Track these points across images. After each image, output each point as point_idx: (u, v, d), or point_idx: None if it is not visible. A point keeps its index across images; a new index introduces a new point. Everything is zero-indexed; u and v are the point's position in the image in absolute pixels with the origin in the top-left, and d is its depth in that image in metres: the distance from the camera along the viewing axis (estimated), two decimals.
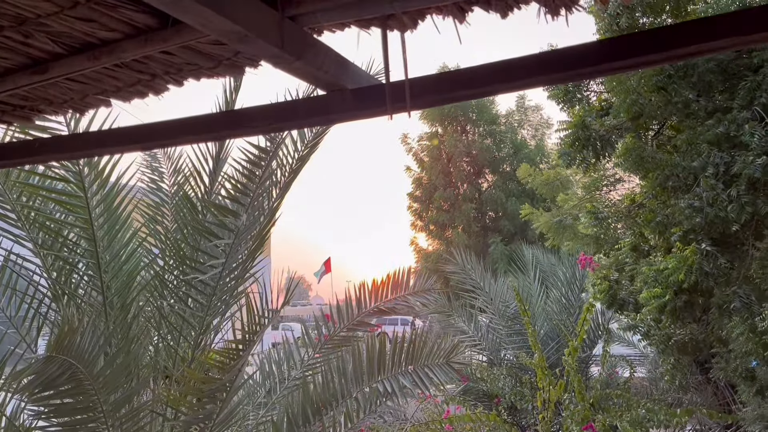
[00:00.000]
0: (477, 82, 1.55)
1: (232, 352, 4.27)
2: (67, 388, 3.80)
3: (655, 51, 1.45)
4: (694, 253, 6.24)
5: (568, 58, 1.51)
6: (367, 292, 6.11)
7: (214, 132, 1.93)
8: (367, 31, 1.71)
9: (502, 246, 19.35)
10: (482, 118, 22.40)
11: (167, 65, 1.78)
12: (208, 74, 1.83)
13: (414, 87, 1.58)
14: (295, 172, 5.36)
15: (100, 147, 2.26)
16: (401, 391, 4.96)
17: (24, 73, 1.70)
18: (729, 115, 6.33)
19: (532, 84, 1.54)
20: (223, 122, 1.94)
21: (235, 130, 1.88)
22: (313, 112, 1.75)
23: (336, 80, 1.65)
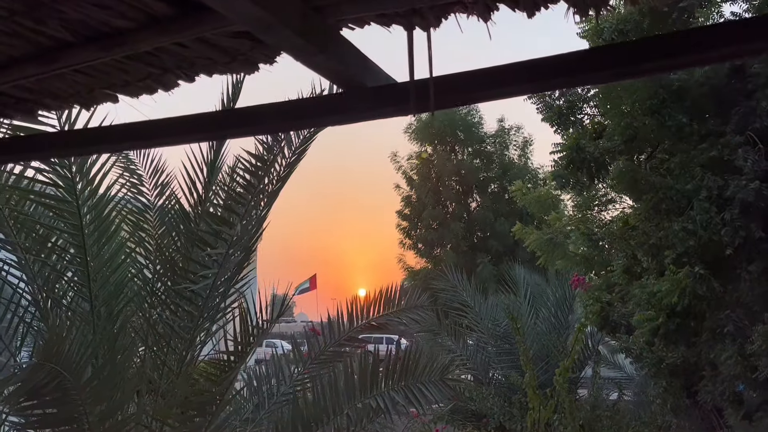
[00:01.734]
0: (502, 82, 1.52)
1: (224, 363, 4.18)
2: (53, 398, 3.69)
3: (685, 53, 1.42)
4: (688, 276, 6.23)
5: (592, 61, 1.48)
6: (358, 307, 6.05)
7: (222, 130, 1.88)
8: (388, 29, 1.67)
9: (491, 266, 19.30)
10: (470, 137, 22.46)
11: (180, 59, 1.73)
12: (222, 69, 1.79)
13: (438, 86, 1.54)
14: (283, 179, 5.29)
15: (98, 144, 2.18)
16: (394, 407, 4.87)
17: (31, 63, 1.64)
18: (722, 140, 6.39)
19: (559, 85, 1.51)
20: (233, 120, 1.89)
21: (246, 128, 1.82)
22: (330, 110, 1.70)
23: (356, 77, 1.61)
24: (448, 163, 21.92)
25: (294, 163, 5.15)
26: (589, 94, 7.77)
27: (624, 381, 11.41)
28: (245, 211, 4.89)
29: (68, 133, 2.79)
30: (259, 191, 4.96)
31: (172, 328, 4.91)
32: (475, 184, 22.34)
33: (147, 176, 5.61)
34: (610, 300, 8.26)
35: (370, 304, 6.11)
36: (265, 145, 4.59)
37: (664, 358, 7.33)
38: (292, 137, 5.01)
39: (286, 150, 5.04)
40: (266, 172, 4.76)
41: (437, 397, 5.10)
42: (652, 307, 6.61)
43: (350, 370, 5.23)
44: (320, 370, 5.45)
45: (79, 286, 4.99)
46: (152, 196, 5.53)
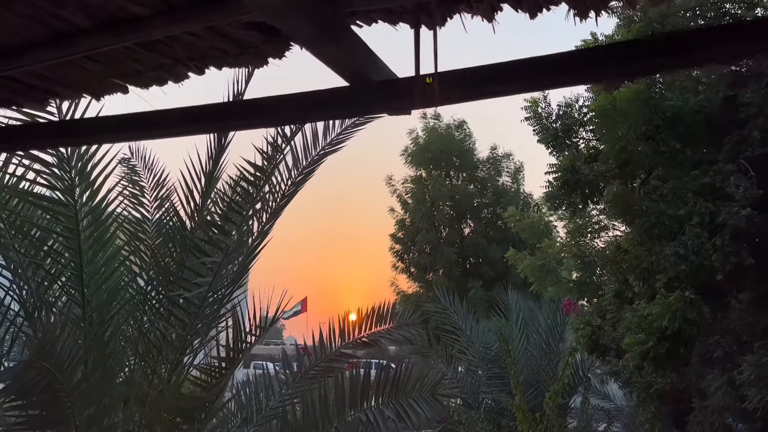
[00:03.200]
0: (506, 79, 1.57)
1: (215, 369, 4.16)
2: (42, 399, 3.66)
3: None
4: (679, 300, 6.28)
5: (594, 59, 1.53)
6: (349, 323, 6.04)
7: (231, 120, 1.91)
8: (394, 27, 1.72)
9: (482, 291, 19.29)
10: (465, 163, 22.61)
11: (192, 49, 1.78)
12: (232, 62, 1.83)
13: (442, 81, 1.59)
14: (288, 197, 5.32)
15: (106, 133, 2.21)
16: (384, 422, 4.85)
17: (47, 47, 1.68)
18: (715, 167, 6.49)
19: (562, 82, 1.56)
20: (242, 110, 1.93)
21: (254, 119, 1.86)
22: (336, 103, 1.75)
23: (363, 70, 1.66)
24: (442, 188, 22.02)
25: (300, 182, 5.17)
26: (585, 118, 7.89)
27: (613, 411, 11.36)
28: (242, 220, 4.91)
29: (75, 122, 2.81)
30: (258, 200, 4.98)
31: (164, 336, 4.90)
32: (469, 209, 22.43)
33: (149, 188, 5.64)
34: (600, 324, 8.29)
35: (362, 320, 6.11)
36: (265, 155, 4.63)
37: (653, 383, 7.33)
38: (300, 157, 5.04)
39: (294, 169, 5.05)
40: (265, 182, 4.79)
41: (429, 412, 5.07)
42: (643, 331, 6.64)
43: (341, 384, 5.22)
44: (311, 384, 5.42)
45: (72, 290, 4.97)
46: (152, 209, 5.54)
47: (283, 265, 33.19)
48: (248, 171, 4.68)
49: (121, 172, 5.60)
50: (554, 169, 7.50)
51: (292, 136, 4.66)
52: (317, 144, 5.01)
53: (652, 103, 6.68)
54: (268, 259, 5.44)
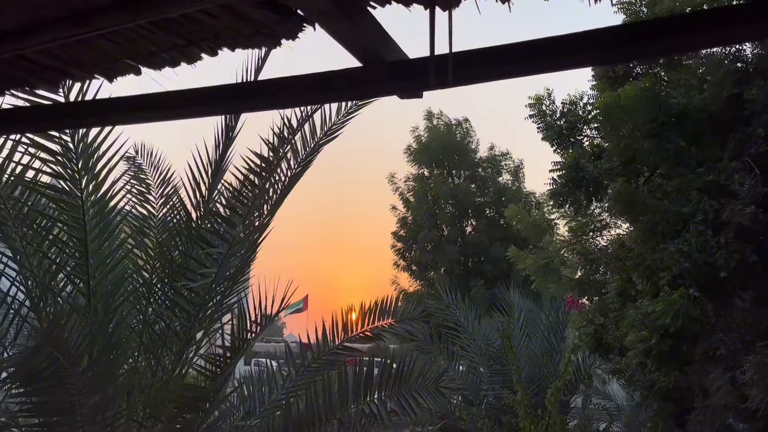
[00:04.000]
0: (523, 59, 1.57)
1: (220, 359, 4.17)
2: (49, 385, 3.67)
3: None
4: (682, 298, 6.28)
5: (618, 37, 1.53)
6: (353, 316, 6.05)
7: (245, 101, 1.92)
8: (408, 9, 1.73)
9: (484, 289, 19.31)
10: (466, 162, 22.63)
11: (205, 29, 1.79)
12: (245, 43, 1.84)
13: (457, 62, 1.60)
14: (287, 188, 5.32)
15: (110, 114, 2.20)
16: (387, 414, 4.86)
17: (62, 24, 1.69)
18: (720, 164, 6.49)
19: (578, 63, 1.57)
20: (256, 91, 1.93)
21: (268, 99, 1.86)
22: (350, 84, 1.76)
23: (376, 50, 1.66)
24: (444, 186, 22.04)
25: (299, 174, 5.18)
26: (589, 116, 7.89)
27: (614, 411, 11.35)
28: (248, 211, 4.92)
29: (83, 103, 2.80)
30: (263, 192, 4.99)
31: (169, 327, 4.91)
32: (471, 207, 22.45)
33: (155, 186, 5.65)
34: (603, 322, 8.30)
35: (365, 314, 6.11)
36: (271, 146, 4.64)
37: (655, 381, 7.33)
38: (299, 149, 5.06)
39: (292, 161, 5.07)
40: (271, 173, 4.80)
41: (432, 404, 5.08)
42: (646, 328, 6.65)
43: (344, 378, 5.22)
44: (314, 377, 5.43)
45: (77, 280, 4.98)
46: (158, 206, 5.55)
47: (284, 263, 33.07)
48: (255, 163, 4.69)
49: (126, 167, 5.62)
50: (558, 166, 7.51)
51: (299, 127, 4.67)
52: (315, 135, 5.02)
53: (657, 101, 6.68)
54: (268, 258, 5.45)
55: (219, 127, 5.23)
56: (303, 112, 4.67)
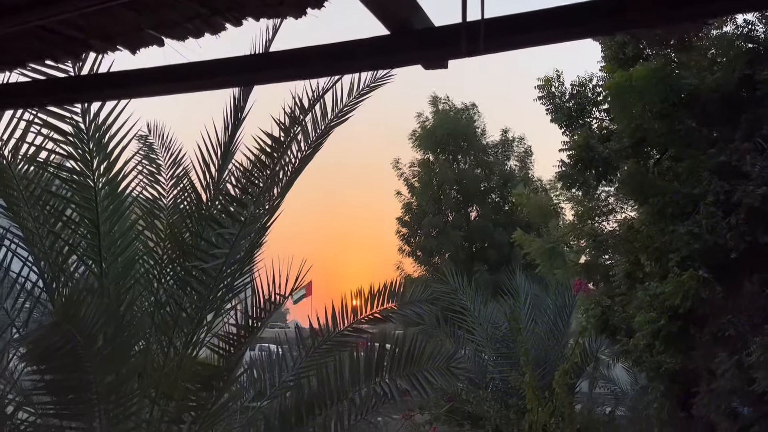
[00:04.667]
0: (556, 25, 1.55)
1: (234, 337, 4.19)
2: (66, 363, 3.69)
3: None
4: (692, 279, 6.27)
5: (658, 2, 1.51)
6: (362, 298, 6.06)
7: (266, 71, 1.90)
8: None
9: (487, 275, 19.32)
10: (472, 147, 22.54)
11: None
12: (271, 12, 1.82)
13: (488, 28, 1.58)
14: (297, 171, 5.30)
15: (128, 86, 2.18)
16: (400, 394, 4.88)
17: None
18: (731, 145, 6.46)
19: (613, 27, 1.55)
20: (276, 62, 1.92)
21: (284, 71, 1.85)
22: (376, 51, 1.74)
23: (405, 17, 1.65)
24: (449, 171, 21.98)
25: (309, 156, 5.15)
26: (598, 97, 7.85)
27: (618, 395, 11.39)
28: (259, 192, 4.91)
29: (97, 76, 2.78)
30: (273, 173, 4.97)
31: (180, 307, 4.92)
32: (476, 193, 22.40)
33: (165, 167, 5.63)
34: (610, 304, 8.31)
35: (374, 295, 6.11)
36: (282, 126, 4.62)
37: (662, 362, 7.35)
38: (309, 130, 5.02)
39: (303, 143, 5.04)
40: (282, 154, 4.78)
41: (444, 384, 5.10)
42: (654, 309, 6.65)
43: (355, 359, 5.24)
44: (326, 357, 5.45)
45: (90, 262, 4.98)
46: (168, 187, 5.53)
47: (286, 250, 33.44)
48: (266, 143, 4.68)
49: (137, 148, 5.60)
50: (568, 146, 7.48)
51: (311, 107, 4.65)
52: (326, 116, 5.00)
53: (668, 82, 6.64)
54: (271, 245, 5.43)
55: (228, 108, 5.21)
56: (315, 92, 4.65)
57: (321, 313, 5.73)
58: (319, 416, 5.06)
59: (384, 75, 4.87)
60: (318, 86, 4.59)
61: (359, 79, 4.91)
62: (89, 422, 4.34)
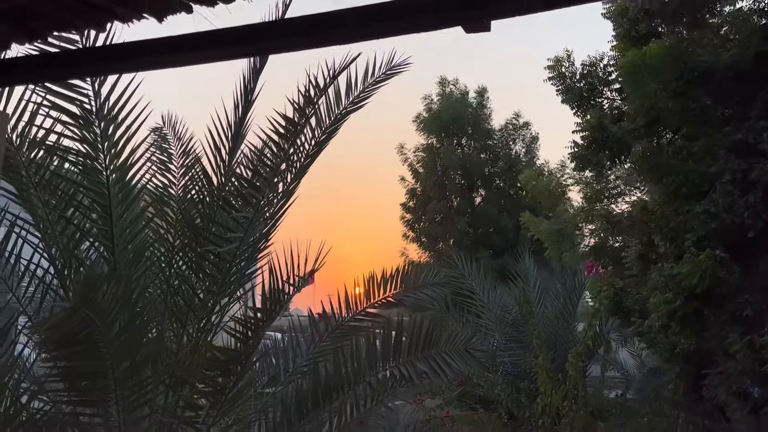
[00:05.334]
0: None
1: (252, 321, 4.13)
2: (84, 349, 3.63)
3: None
4: (709, 259, 6.20)
5: None
6: (375, 282, 5.99)
7: (279, 41, 1.81)
8: None
9: (491, 260, 19.26)
10: (477, 132, 22.37)
11: None
12: None
13: None
14: (312, 156, 5.22)
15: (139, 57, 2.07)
16: (419, 377, 4.83)
17: None
18: (747, 123, 6.36)
19: None
20: (288, 30, 1.83)
21: (308, 38, 1.76)
22: (410, 13, 1.65)
23: None
24: (453, 156, 21.83)
25: (324, 142, 5.05)
26: (609, 77, 7.74)
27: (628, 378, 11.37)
28: (273, 174, 4.82)
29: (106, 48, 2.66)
30: (287, 156, 4.88)
31: (194, 292, 4.85)
32: (480, 178, 22.27)
33: (176, 156, 5.56)
34: (623, 286, 8.24)
35: (387, 280, 6.06)
36: (297, 106, 4.53)
37: (677, 343, 7.29)
38: (323, 115, 4.91)
39: (317, 129, 4.94)
40: (297, 136, 4.69)
41: (463, 367, 5.04)
42: (670, 290, 6.58)
43: (372, 341, 5.18)
44: (341, 341, 5.39)
45: (101, 248, 4.91)
46: (179, 175, 5.46)
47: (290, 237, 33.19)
48: (280, 123, 4.59)
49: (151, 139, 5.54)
50: (581, 127, 7.38)
51: (327, 86, 4.55)
52: (340, 100, 4.91)
53: (682, 59, 6.54)
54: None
55: (238, 88, 5.11)
56: (330, 71, 4.55)
57: (326, 301, 5.67)
58: (336, 400, 5.01)
59: (401, 62, 4.80)
60: (334, 64, 4.49)
61: (375, 65, 4.84)
62: (105, 409, 4.29)
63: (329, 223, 37.68)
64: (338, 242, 34.04)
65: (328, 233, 37.30)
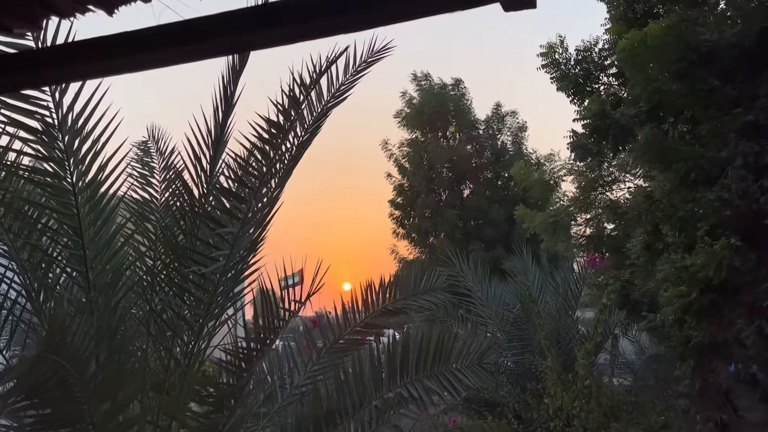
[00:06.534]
0: None
1: (245, 352, 3.72)
2: (56, 396, 3.20)
3: None
4: (724, 248, 5.87)
5: None
6: (373, 292, 5.62)
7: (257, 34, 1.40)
8: None
9: (484, 252, 18.96)
10: (462, 123, 22.05)
11: None
12: None
13: None
14: (295, 158, 4.81)
15: (84, 62, 1.62)
16: (428, 396, 4.44)
17: None
18: (757, 103, 6.03)
19: None
20: (273, 17, 1.41)
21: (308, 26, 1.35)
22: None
23: None
24: (440, 149, 21.49)
25: (307, 141, 4.67)
26: (606, 62, 7.39)
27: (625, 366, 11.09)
28: (258, 183, 4.41)
29: (41, 51, 2.17)
30: (272, 162, 4.47)
31: (179, 316, 4.43)
32: (468, 170, 21.96)
33: (158, 170, 5.18)
34: (629, 278, 7.92)
35: (386, 287, 5.69)
36: (281, 108, 4.11)
37: (691, 337, 6.97)
38: (305, 114, 4.54)
39: (299, 128, 4.56)
40: (283, 140, 4.29)
41: (476, 382, 4.67)
42: (684, 282, 6.25)
43: (376, 355, 4.79)
44: (342, 357, 5.00)
45: (74, 273, 4.48)
46: (161, 189, 5.08)
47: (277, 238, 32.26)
48: (264, 128, 4.17)
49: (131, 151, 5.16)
50: (582, 115, 7.01)
51: (312, 84, 4.13)
52: (322, 97, 4.53)
53: (684, 39, 6.18)
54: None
55: (217, 91, 4.69)
56: (316, 67, 4.14)
57: (319, 301, 5.29)
58: (340, 425, 4.62)
59: (381, 48, 4.43)
60: (320, 59, 4.08)
61: (355, 54, 4.47)
62: None
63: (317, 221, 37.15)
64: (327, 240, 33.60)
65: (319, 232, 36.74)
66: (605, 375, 9.26)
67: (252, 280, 4.64)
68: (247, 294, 4.79)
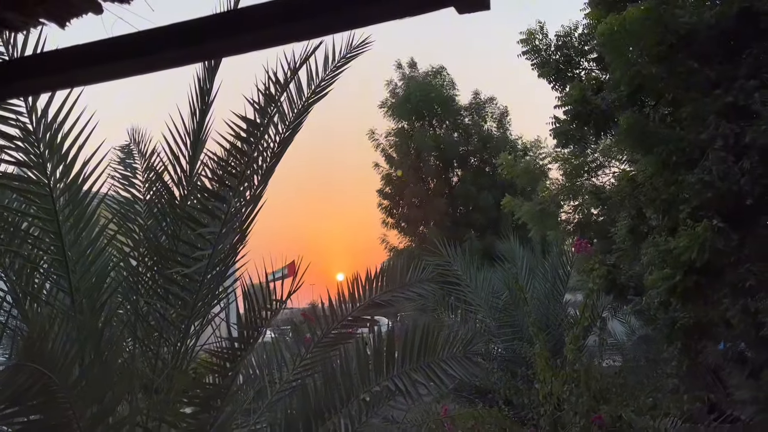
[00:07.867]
0: None
1: (229, 351, 3.73)
2: (39, 402, 3.19)
3: None
4: (707, 230, 5.91)
5: None
6: (360, 285, 5.62)
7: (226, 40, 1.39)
8: None
9: (475, 240, 19.01)
10: (447, 111, 22.01)
11: None
12: None
13: None
14: (277, 155, 4.80)
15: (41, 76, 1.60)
16: (414, 388, 4.46)
17: None
18: (736, 84, 6.05)
19: None
20: (239, 25, 1.40)
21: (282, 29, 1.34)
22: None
23: None
24: (427, 138, 21.46)
25: (289, 138, 4.65)
26: (586, 47, 7.38)
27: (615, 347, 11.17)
28: (238, 182, 4.39)
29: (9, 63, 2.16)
30: (252, 160, 4.46)
31: (164, 317, 4.42)
32: (455, 158, 21.96)
33: (141, 170, 5.15)
34: (614, 262, 7.97)
35: (373, 279, 5.69)
36: (258, 106, 4.09)
37: (677, 318, 7.04)
38: (286, 110, 4.52)
39: (280, 125, 4.54)
40: (260, 138, 4.27)
41: (462, 374, 4.69)
42: (668, 265, 6.29)
43: (362, 348, 4.80)
44: (330, 352, 5.01)
45: (56, 277, 4.46)
46: (143, 189, 5.05)
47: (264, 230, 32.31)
48: (241, 127, 4.16)
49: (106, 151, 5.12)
50: (563, 101, 7.01)
51: (288, 81, 4.11)
52: (302, 93, 4.51)
53: (663, 21, 6.18)
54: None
55: (193, 90, 4.66)
56: (290, 63, 4.12)
57: (303, 297, 5.29)
58: (329, 420, 4.64)
59: (361, 42, 4.41)
60: (294, 56, 4.06)
61: (334, 49, 4.45)
62: None
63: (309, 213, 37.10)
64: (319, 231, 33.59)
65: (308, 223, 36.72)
66: (595, 357, 9.35)
67: (240, 275, 4.66)
68: (237, 289, 4.79)
